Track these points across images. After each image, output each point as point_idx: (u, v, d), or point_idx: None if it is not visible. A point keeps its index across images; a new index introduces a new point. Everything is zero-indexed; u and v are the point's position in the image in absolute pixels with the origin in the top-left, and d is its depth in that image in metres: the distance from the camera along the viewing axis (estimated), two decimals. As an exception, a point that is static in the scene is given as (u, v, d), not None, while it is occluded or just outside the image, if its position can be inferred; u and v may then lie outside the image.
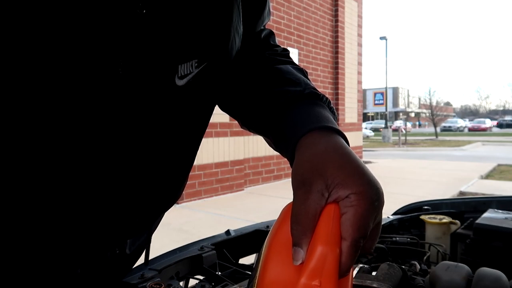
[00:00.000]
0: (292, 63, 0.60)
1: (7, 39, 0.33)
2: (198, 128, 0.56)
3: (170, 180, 0.55)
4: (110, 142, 0.43)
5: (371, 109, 55.78)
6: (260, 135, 0.56)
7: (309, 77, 0.57)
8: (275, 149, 0.53)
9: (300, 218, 0.37)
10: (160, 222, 0.69)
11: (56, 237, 0.45)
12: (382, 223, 1.08)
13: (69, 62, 0.36)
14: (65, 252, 0.47)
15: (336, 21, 8.75)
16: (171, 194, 0.58)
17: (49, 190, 0.41)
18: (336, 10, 8.74)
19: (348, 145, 0.44)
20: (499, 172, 9.03)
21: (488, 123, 45.33)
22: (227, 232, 0.95)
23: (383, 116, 54.48)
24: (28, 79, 0.35)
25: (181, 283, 0.79)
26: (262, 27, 0.65)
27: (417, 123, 50.50)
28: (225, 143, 5.96)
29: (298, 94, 0.50)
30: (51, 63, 0.35)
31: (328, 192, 0.38)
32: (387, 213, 1.18)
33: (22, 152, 0.38)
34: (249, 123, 0.57)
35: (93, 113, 0.40)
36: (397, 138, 19.47)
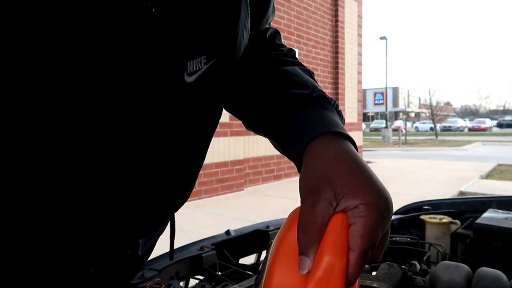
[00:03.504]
0: (299, 64, 0.59)
1: (18, 40, 0.33)
2: (208, 125, 0.55)
3: (180, 178, 0.55)
4: (120, 140, 0.43)
5: (371, 109, 55.76)
6: (266, 137, 0.55)
7: None
8: (281, 152, 0.52)
9: (307, 227, 0.37)
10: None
11: (67, 236, 0.45)
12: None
13: (79, 60, 0.36)
14: (77, 251, 0.47)
15: (336, 21, 8.74)
16: (181, 192, 0.58)
17: (59, 190, 0.41)
18: (336, 10, 8.73)
19: (357, 149, 0.44)
20: (499, 172, 9.03)
21: (488, 123, 45.29)
22: (227, 232, 0.95)
23: (383, 116, 54.44)
24: (37, 78, 0.35)
25: (181, 283, 0.79)
26: (267, 26, 0.64)
27: (410, 123, 50.43)
28: (225, 143, 5.96)
29: (305, 97, 0.49)
30: (60, 61, 0.35)
31: (336, 201, 0.37)
32: (387, 213, 1.18)
33: (33, 152, 0.38)
34: (255, 124, 0.57)
35: (102, 111, 0.40)
36: (397, 138, 19.48)
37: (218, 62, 0.48)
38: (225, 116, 5.72)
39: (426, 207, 1.21)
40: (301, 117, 0.47)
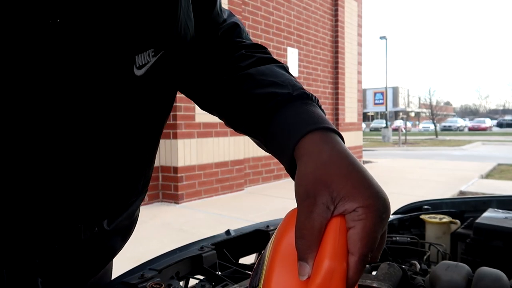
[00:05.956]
0: (273, 60, 0.58)
1: None
2: (160, 115, 0.58)
3: (134, 166, 0.58)
4: (73, 133, 0.45)
5: (371, 109, 55.80)
6: (248, 136, 0.55)
7: (309, 77, 0.56)
8: (266, 150, 0.51)
9: (305, 233, 0.36)
10: (160, 222, 0.69)
11: (27, 216, 0.47)
12: (382, 222, 1.07)
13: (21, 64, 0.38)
14: (38, 231, 0.50)
15: (336, 20, 8.74)
16: (137, 179, 0.60)
17: (18, 178, 0.44)
18: (336, 10, 8.73)
19: (344, 142, 0.43)
20: (499, 172, 9.03)
21: (488, 122, 45.29)
22: (227, 232, 0.95)
23: (383, 115, 54.47)
24: None
25: (181, 283, 0.79)
26: (225, 17, 0.63)
27: (410, 123, 50.46)
28: (225, 143, 5.96)
29: (287, 96, 0.48)
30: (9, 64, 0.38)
31: (334, 205, 0.37)
32: (387, 212, 1.18)
33: None
34: (235, 124, 0.57)
35: (53, 106, 0.42)
36: (397, 137, 19.47)
37: (167, 54, 0.49)
38: (225, 116, 5.70)
39: (426, 206, 1.21)
40: (285, 115, 0.47)
